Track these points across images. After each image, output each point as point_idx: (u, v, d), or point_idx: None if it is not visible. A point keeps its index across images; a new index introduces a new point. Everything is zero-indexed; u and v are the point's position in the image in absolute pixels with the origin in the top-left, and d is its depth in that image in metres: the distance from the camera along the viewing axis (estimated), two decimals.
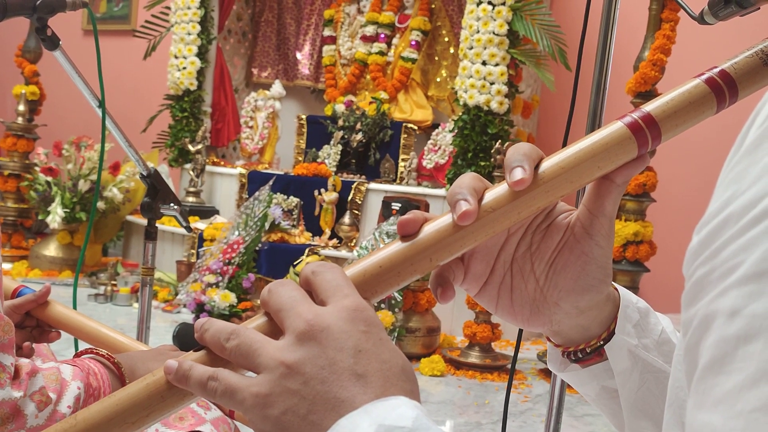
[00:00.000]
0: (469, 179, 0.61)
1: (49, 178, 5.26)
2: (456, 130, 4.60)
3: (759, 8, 0.89)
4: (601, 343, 0.68)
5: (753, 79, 0.57)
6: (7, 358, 0.90)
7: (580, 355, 0.70)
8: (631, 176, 0.61)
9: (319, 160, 5.33)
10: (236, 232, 4.39)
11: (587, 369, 0.71)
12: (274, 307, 0.53)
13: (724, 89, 0.57)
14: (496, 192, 0.60)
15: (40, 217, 5.15)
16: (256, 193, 4.59)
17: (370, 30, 5.68)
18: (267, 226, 4.48)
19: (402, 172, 5.09)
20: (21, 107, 5.56)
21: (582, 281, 0.65)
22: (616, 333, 0.67)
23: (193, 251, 4.88)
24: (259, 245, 4.40)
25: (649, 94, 3.69)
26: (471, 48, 4.50)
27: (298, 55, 6.30)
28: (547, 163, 0.60)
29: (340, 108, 5.53)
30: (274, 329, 0.54)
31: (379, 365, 0.50)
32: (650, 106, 0.59)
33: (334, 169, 5.23)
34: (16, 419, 0.90)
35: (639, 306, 0.70)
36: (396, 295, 3.76)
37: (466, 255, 0.66)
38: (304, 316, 0.51)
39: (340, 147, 5.31)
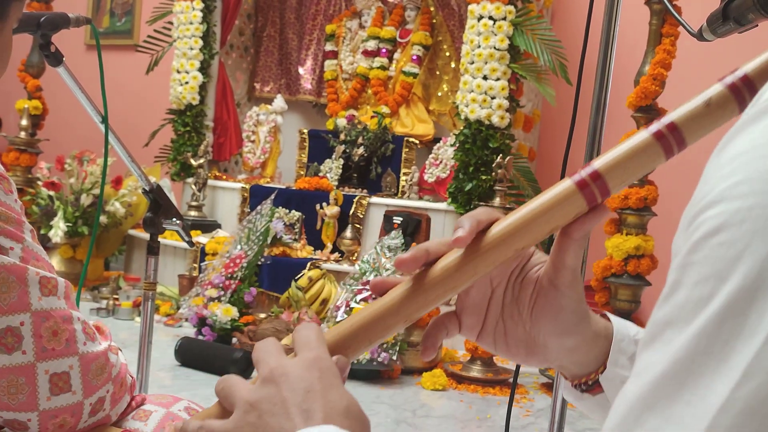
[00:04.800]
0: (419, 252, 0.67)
1: (52, 193, 5.27)
2: (457, 144, 4.61)
3: (757, 25, 0.89)
4: (599, 376, 0.73)
5: (699, 127, 0.61)
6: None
7: (584, 387, 0.75)
8: (587, 230, 0.66)
9: (320, 174, 5.34)
10: (238, 246, 4.39)
11: (594, 398, 0.76)
12: (254, 359, 0.64)
13: (670, 140, 0.61)
14: (446, 259, 0.67)
15: (42, 232, 5.15)
16: (258, 207, 4.60)
17: (371, 45, 5.70)
18: (269, 240, 4.48)
19: (403, 186, 5.09)
20: (24, 122, 5.57)
21: (559, 327, 0.70)
22: (608, 367, 0.73)
23: (195, 265, 4.88)
24: (261, 259, 4.40)
25: (649, 109, 3.70)
26: (472, 63, 4.51)
27: (300, 70, 6.32)
28: (499, 224, 0.66)
29: (342, 122, 5.54)
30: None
31: (324, 403, 0.58)
32: (598, 162, 0.64)
33: (336, 183, 5.24)
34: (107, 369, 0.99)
35: (638, 339, 0.74)
36: None
37: (458, 309, 0.73)
38: (271, 365, 0.61)
39: (341, 161, 5.32)
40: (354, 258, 4.62)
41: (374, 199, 4.87)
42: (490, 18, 4.45)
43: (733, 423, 0.39)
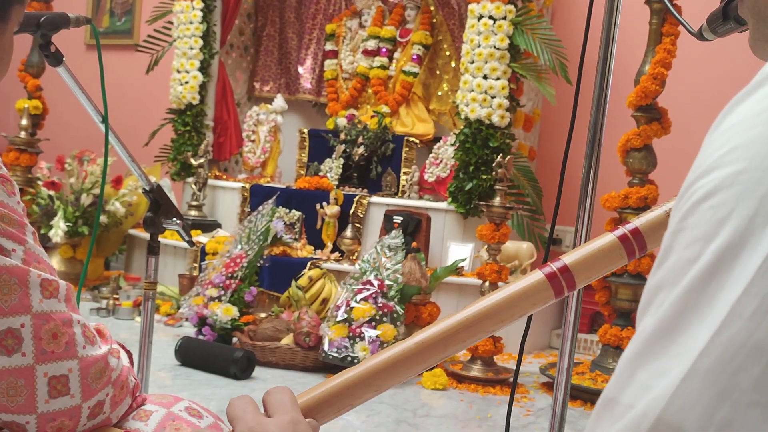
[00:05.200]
0: None
1: (52, 192, 5.27)
2: (457, 144, 4.61)
3: None
4: None
5: (659, 233, 0.67)
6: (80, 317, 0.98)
7: None
8: None
9: (320, 173, 5.34)
10: (239, 246, 4.39)
11: None
12: (230, 416, 0.66)
13: (633, 243, 0.68)
14: (420, 334, 0.71)
15: (42, 231, 5.15)
16: (260, 207, 4.60)
17: (371, 44, 5.70)
18: (269, 239, 4.48)
19: (404, 186, 5.09)
20: (24, 121, 5.57)
21: None
22: None
23: (195, 265, 4.88)
24: (261, 259, 4.41)
25: (650, 108, 3.70)
26: (472, 62, 4.51)
27: (300, 69, 6.32)
28: (474, 307, 0.71)
29: (342, 122, 5.54)
30: None
31: None
32: (568, 258, 0.70)
33: (336, 182, 5.24)
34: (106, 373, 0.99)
35: None
36: (398, 308, 3.75)
37: None
38: (249, 424, 0.64)
39: (341, 160, 5.32)
40: (354, 257, 4.62)
41: (374, 199, 4.87)
42: (490, 17, 4.45)
43: (711, 369, 0.40)
